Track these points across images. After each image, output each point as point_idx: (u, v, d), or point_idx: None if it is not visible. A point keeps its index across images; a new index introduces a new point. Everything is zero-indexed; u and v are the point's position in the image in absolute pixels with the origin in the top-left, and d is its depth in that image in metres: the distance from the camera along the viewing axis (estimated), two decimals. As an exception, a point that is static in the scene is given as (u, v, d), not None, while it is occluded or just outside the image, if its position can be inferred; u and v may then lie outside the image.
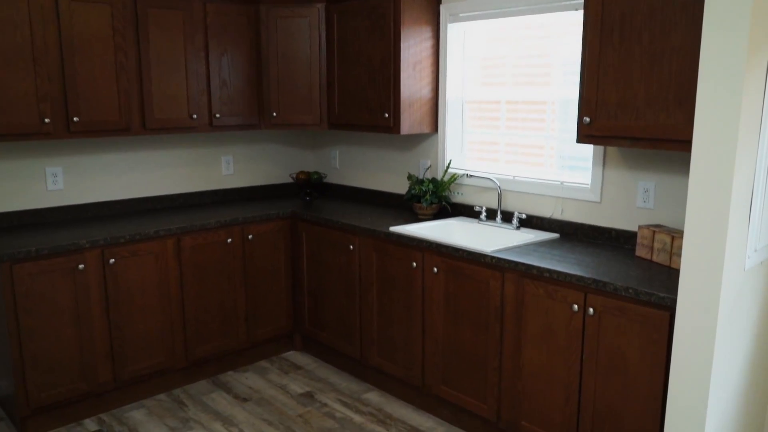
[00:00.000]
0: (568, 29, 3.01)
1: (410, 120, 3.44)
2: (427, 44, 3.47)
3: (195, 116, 3.53)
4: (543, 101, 3.17)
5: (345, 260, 3.42)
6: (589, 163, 3.02)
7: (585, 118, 2.56)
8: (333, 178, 4.42)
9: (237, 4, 3.63)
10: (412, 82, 3.42)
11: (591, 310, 2.34)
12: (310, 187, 4.19)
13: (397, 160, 3.92)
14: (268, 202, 4.05)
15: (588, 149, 3.02)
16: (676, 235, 2.48)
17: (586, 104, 2.56)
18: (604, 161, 2.90)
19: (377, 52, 3.45)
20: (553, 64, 3.10)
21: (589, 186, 2.98)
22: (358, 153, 4.17)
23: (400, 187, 3.93)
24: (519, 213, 3.20)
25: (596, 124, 2.53)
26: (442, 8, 3.46)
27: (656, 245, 2.56)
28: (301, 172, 4.16)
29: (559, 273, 2.42)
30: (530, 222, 3.19)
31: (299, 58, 3.77)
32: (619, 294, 2.25)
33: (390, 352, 3.24)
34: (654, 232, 2.58)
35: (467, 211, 3.49)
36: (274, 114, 3.82)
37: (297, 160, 4.48)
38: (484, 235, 3.23)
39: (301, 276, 3.75)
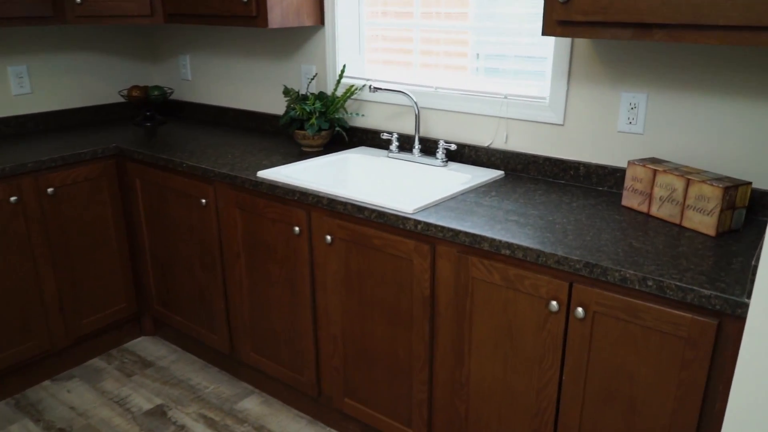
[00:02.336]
0: None
1: (282, 6, 2.31)
2: None
3: (-66, 3, 2.20)
4: (477, -26, 2.14)
5: (198, 219, 2.34)
6: (547, 67, 2.07)
7: (560, -8, 1.57)
8: (185, 95, 3.22)
9: None
10: (282, -53, 2.26)
11: (580, 310, 1.46)
12: (150, 109, 2.99)
13: (272, 68, 2.79)
14: (87, 133, 2.82)
15: (545, 46, 2.06)
16: (692, 177, 1.62)
17: (562, -31, 1.56)
18: (570, 63, 1.96)
19: None
20: None
21: (546, 101, 2.04)
22: (218, 59, 2.98)
23: (279, 104, 2.83)
24: (446, 142, 2.23)
25: (578, 4, 1.56)
26: None
27: (658, 192, 1.70)
28: (135, 88, 2.94)
29: (526, 250, 1.50)
30: (461, 154, 2.24)
31: None
32: (630, 287, 1.37)
33: (271, 349, 2.28)
34: (655, 171, 1.70)
35: (372, 139, 2.48)
36: (79, 0, 2.53)
37: (133, 72, 3.22)
38: (399, 177, 2.26)
39: (141, 238, 2.64)
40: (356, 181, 2.31)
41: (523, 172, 2.12)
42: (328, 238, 1.90)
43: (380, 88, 2.17)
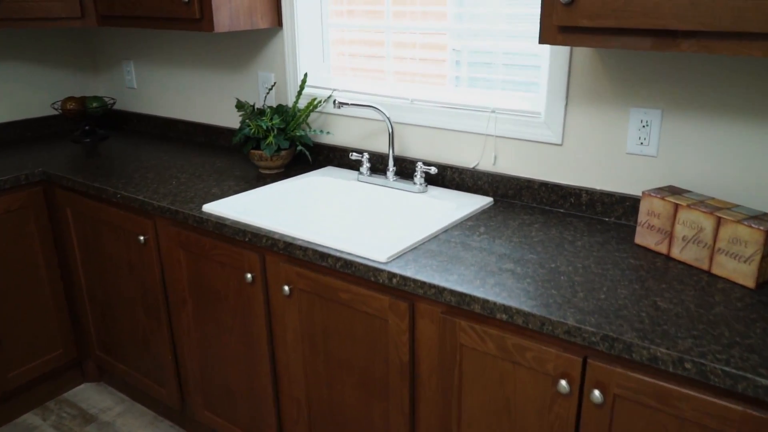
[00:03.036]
0: None
1: (231, 6, 1.98)
2: None
3: None
4: (457, -33, 1.83)
5: (138, 257, 2.01)
6: (542, 77, 1.76)
7: (564, -9, 1.27)
8: (130, 104, 2.87)
9: None
10: (228, -63, 1.92)
11: (597, 393, 1.16)
12: (89, 123, 2.64)
13: (226, 75, 2.45)
14: (15, 152, 2.46)
15: (539, 53, 1.76)
16: (724, 214, 1.33)
17: (565, -38, 1.26)
18: (569, 73, 1.66)
19: None
20: None
21: (541, 116, 1.75)
22: (166, 65, 2.64)
23: (234, 116, 2.50)
24: (425, 165, 1.93)
25: (584, 5, 1.25)
26: None
27: (680, 230, 1.41)
28: (70, 99, 2.58)
29: (528, 316, 1.21)
30: (443, 176, 1.94)
31: None
32: (662, 368, 1.08)
33: (226, 408, 1.96)
34: (676, 206, 1.42)
35: (340, 158, 2.17)
36: (-7, 1, 2.17)
37: (72, 81, 2.85)
38: (370, 208, 1.94)
39: (77, 276, 2.30)
40: (320, 213, 1.99)
41: (515, 199, 1.82)
42: (286, 288, 1.59)
43: (346, 103, 1.85)
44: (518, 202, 1.81)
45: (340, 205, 1.98)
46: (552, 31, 1.33)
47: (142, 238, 1.92)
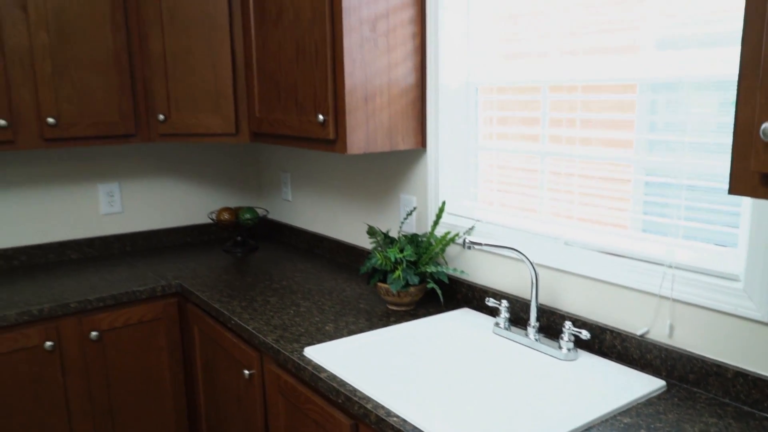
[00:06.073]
0: None
1: (368, 127, 1.83)
2: (399, -16, 1.85)
3: (5, 122, 2.04)
4: (628, 84, 1.49)
5: (244, 392, 1.84)
6: (742, 226, 1.31)
7: None
8: (285, 216, 2.85)
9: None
10: (370, 56, 1.80)
11: None
12: (242, 233, 2.64)
13: (370, 194, 2.31)
14: (169, 258, 2.52)
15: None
16: None
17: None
18: (783, 227, 1.20)
19: (307, 1, 1.85)
20: (645, 9, 1.41)
21: (740, 281, 1.28)
22: (317, 179, 2.58)
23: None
24: (575, 327, 1.54)
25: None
26: None
27: None
28: (225, 210, 2.61)
29: None
30: (601, 341, 1.52)
31: (198, 20, 2.22)
32: None
33: None
34: None
35: (479, 299, 1.85)
36: (162, 117, 2.28)
37: (235, 191, 2.93)
38: (497, 376, 1.57)
39: (199, 397, 2.20)
40: (435, 372, 1.63)
41: (698, 387, 1.34)
42: (374, 475, 1.27)
43: (478, 243, 1.54)
44: (702, 393, 1.33)
45: (463, 364, 1.64)
46: (749, 178, 0.93)
47: (247, 372, 1.75)
